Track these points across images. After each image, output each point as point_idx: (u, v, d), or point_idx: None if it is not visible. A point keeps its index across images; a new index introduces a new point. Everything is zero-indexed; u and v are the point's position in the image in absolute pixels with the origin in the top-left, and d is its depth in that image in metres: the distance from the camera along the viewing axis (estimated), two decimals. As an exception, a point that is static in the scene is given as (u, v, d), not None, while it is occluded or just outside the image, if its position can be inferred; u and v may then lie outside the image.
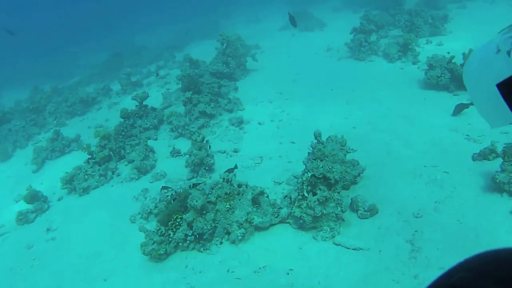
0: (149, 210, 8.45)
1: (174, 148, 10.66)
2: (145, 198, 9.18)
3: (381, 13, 17.25)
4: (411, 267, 6.29)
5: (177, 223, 7.20)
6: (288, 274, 6.52)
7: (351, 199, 7.51)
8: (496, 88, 1.23)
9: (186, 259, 7.24)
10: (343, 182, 7.51)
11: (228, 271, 6.80)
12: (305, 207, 7.07)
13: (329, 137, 7.67)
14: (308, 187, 7.09)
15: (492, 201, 7.23)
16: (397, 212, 7.34)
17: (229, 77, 14.51)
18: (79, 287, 7.29)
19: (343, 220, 7.28)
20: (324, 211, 6.99)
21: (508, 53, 1.17)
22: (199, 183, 7.60)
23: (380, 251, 6.67)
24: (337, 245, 6.93)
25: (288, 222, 7.54)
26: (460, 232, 6.76)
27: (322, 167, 7.09)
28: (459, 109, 9.95)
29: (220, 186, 7.48)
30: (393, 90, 12.03)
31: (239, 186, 7.75)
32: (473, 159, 8.29)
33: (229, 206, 7.42)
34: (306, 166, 7.35)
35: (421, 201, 7.52)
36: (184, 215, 7.22)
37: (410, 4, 17.89)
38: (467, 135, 9.12)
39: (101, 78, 19.99)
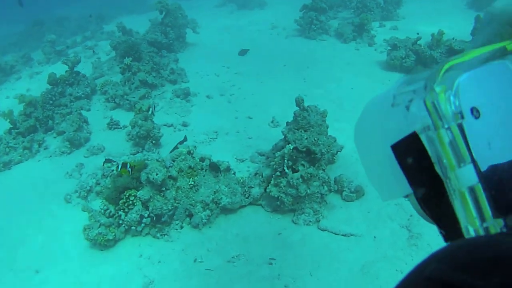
0: (88, 188, 6.96)
1: (112, 119, 9.11)
2: (81, 175, 7.64)
3: (330, -7, 16.43)
4: (414, 255, 5.43)
5: (130, 202, 5.81)
6: (271, 264, 5.39)
7: (335, 178, 6.50)
8: (390, 150, 0.95)
9: (140, 247, 5.88)
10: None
11: (195, 261, 5.54)
12: (284, 186, 5.97)
13: (308, 106, 6.58)
14: (289, 162, 5.99)
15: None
16: (386, 194, 6.43)
17: (167, 48, 13.00)
18: (5, 279, 5.73)
19: (326, 202, 6.27)
20: (308, 190, 5.93)
21: (407, 108, 0.91)
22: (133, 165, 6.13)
23: (374, 237, 5.74)
24: (323, 230, 5.90)
25: (260, 204, 6.41)
26: (459, 217, 5.97)
27: (307, 138, 6.02)
28: None
29: (183, 158, 6.16)
30: (352, 70, 11.22)
31: (202, 160, 6.50)
32: (454, 141, 7.60)
33: (192, 183, 6.14)
34: (286, 137, 6.24)
35: (408, 183, 6.67)
36: (138, 192, 5.86)
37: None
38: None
39: (18, 48, 17.66)
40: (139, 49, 10.98)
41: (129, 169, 5.91)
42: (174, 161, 6.09)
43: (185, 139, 7.78)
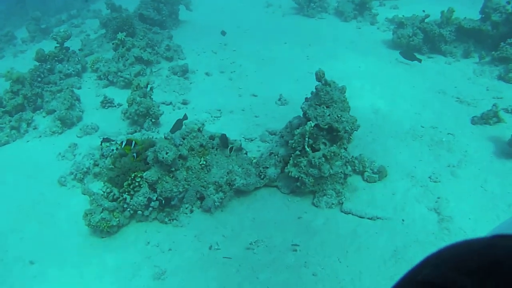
0: (85, 170, 6.36)
1: (105, 97, 8.47)
2: (74, 156, 7.03)
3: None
4: (447, 240, 5.01)
5: (135, 184, 5.25)
6: (295, 251, 4.90)
7: (356, 158, 6.01)
8: None
9: (146, 233, 5.33)
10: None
11: (210, 248, 5.02)
12: (305, 166, 5.46)
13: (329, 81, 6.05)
14: (310, 140, 5.48)
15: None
16: (410, 176, 6.00)
17: (160, 25, 12.32)
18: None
19: (347, 183, 5.79)
20: (331, 170, 5.43)
21: None
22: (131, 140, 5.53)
23: (403, 220, 5.29)
24: (347, 213, 5.44)
25: (276, 186, 5.90)
26: (489, 200, 5.57)
27: (329, 115, 5.52)
28: (406, 56, 9.42)
29: (194, 135, 5.60)
30: (357, 48, 10.70)
31: (211, 138, 5.94)
32: (473, 122, 7.21)
33: (204, 163, 5.59)
34: (306, 113, 5.72)
35: (430, 164, 6.27)
36: (144, 173, 5.29)
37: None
38: (458, 98, 8.04)
39: (0, 26, 16.73)
40: (132, 24, 10.33)
41: (134, 154, 5.34)
42: (184, 138, 5.52)
43: (185, 117, 7.20)
